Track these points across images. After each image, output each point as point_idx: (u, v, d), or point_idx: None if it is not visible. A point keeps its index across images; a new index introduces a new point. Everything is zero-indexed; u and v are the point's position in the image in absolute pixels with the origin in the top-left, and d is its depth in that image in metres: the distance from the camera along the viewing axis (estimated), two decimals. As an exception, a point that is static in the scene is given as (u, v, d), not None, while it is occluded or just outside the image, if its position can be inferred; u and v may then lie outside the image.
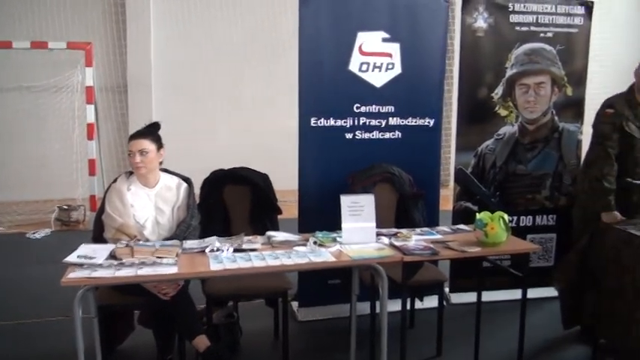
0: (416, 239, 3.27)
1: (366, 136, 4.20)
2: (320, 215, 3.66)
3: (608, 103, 3.80)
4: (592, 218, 3.75)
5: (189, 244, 3.05)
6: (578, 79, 4.61)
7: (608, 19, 7.51)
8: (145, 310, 3.42)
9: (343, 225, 3.14)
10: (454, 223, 4.31)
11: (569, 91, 4.57)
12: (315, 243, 3.07)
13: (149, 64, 9.02)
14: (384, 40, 4.14)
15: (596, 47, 4.74)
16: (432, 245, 3.16)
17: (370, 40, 4.10)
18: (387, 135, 4.26)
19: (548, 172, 4.62)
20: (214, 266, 2.73)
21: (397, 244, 3.14)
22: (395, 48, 4.17)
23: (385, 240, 3.20)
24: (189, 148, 7.72)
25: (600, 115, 3.80)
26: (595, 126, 3.82)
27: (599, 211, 3.68)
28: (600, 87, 5.15)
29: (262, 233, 3.29)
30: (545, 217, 4.68)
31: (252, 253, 2.92)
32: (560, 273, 3.84)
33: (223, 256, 2.85)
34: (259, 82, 8.96)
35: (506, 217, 3.23)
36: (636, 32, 9.24)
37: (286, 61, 5.29)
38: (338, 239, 3.16)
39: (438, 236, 3.41)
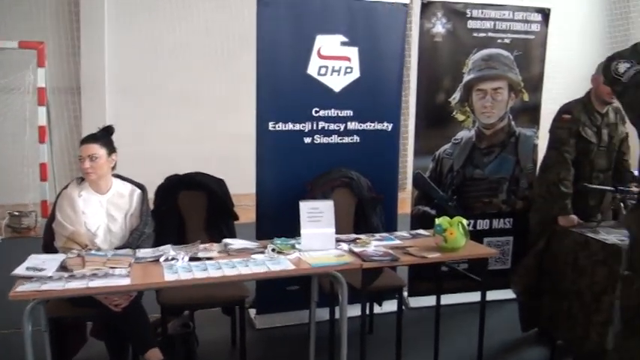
0: (375, 245, 3.22)
1: (325, 140, 4.14)
2: (278, 221, 3.59)
3: (565, 109, 3.82)
4: (549, 222, 3.76)
5: (143, 252, 2.93)
6: (535, 84, 4.64)
7: (565, 25, 7.63)
8: (97, 321, 3.28)
9: (302, 231, 3.07)
10: (413, 227, 4.30)
11: (526, 96, 4.60)
12: (273, 250, 2.99)
13: (103, 65, 8.78)
14: (343, 43, 4.08)
15: (553, 53, 4.77)
16: (391, 251, 3.11)
17: (329, 43, 4.04)
18: (346, 139, 4.20)
19: (505, 177, 4.63)
20: (168, 276, 2.62)
21: (356, 250, 3.08)
22: (353, 52, 4.12)
23: (344, 246, 3.15)
24: (144, 153, 7.54)
25: (557, 121, 3.82)
26: (552, 131, 3.84)
27: (556, 214, 3.69)
28: (556, 93, 5.21)
29: (219, 240, 3.20)
30: (502, 220, 4.69)
31: (208, 262, 2.82)
32: (518, 276, 3.85)
33: (178, 266, 2.75)
34: (216, 84, 8.80)
35: (464, 222, 3.22)
36: (592, 39, 9.43)
37: (243, 63, 5.20)
38: (297, 246, 3.09)
39: (397, 242, 3.37)
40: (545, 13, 4.59)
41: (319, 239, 3.07)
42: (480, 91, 4.49)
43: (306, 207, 3.06)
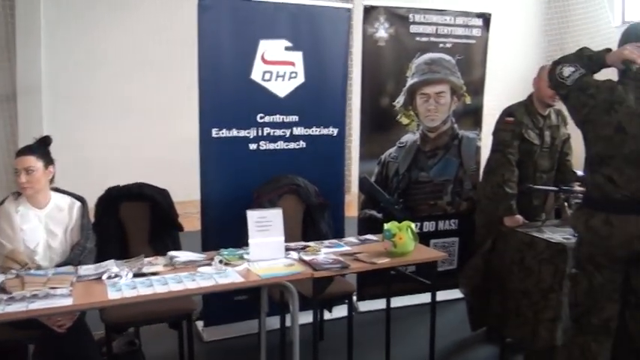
0: (325, 252, 3.17)
1: (271, 146, 4.06)
2: (225, 230, 3.51)
3: (508, 112, 3.86)
4: (495, 222, 3.80)
5: (85, 269, 2.78)
6: (477, 88, 4.69)
7: (505, 30, 7.78)
8: (40, 343, 3.10)
9: (250, 241, 2.98)
10: (360, 231, 4.28)
11: (468, 99, 4.64)
12: (220, 262, 2.89)
13: (39, 72, 8.43)
14: (287, 48, 4.02)
15: (494, 57, 4.83)
16: (341, 258, 3.06)
17: (273, 48, 3.97)
18: (292, 145, 4.14)
19: (450, 179, 4.66)
20: (112, 295, 2.49)
21: (306, 258, 3.02)
22: (298, 57, 4.06)
23: (294, 255, 3.07)
24: (83, 162, 7.30)
25: (500, 123, 3.86)
26: (495, 133, 3.88)
27: (502, 215, 3.73)
28: (497, 95, 5.28)
29: (164, 253, 3.06)
30: (447, 222, 4.72)
31: (153, 278, 2.70)
32: (466, 277, 3.87)
33: (122, 283, 2.61)
34: (157, 90, 8.58)
35: (413, 226, 3.20)
36: (533, 43, 9.65)
37: (185, 68, 5.07)
38: (245, 256, 2.99)
39: (347, 248, 3.32)
40: (485, 18, 4.65)
41: (268, 248, 2.99)
42: (424, 94, 4.50)
43: (253, 216, 2.98)
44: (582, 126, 2.69)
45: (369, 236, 3.62)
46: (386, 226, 3.18)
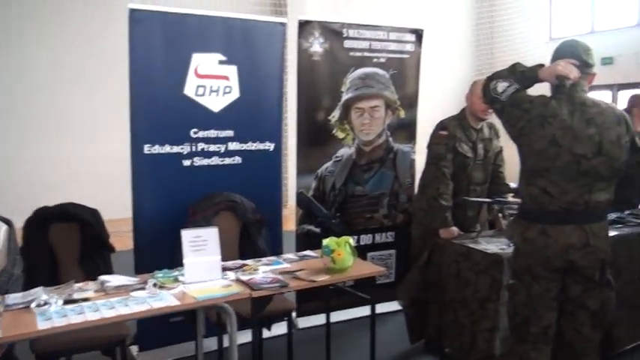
0: (263, 271, 3.09)
1: (205, 162, 3.95)
2: (159, 251, 3.38)
3: (442, 126, 3.90)
4: (431, 235, 3.82)
5: (13, 298, 2.58)
6: (411, 102, 4.72)
7: (438, 46, 7.92)
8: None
9: (185, 261, 2.86)
10: (298, 247, 4.22)
11: (402, 113, 4.67)
12: (155, 285, 2.76)
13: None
14: (221, 62, 3.93)
15: (428, 72, 4.89)
16: (280, 277, 2.99)
17: (206, 62, 3.87)
18: (227, 160, 4.04)
19: (385, 192, 4.67)
20: (42, 324, 2.32)
21: (244, 278, 2.93)
22: (232, 71, 3.98)
23: (231, 275, 2.98)
24: (9, 182, 6.94)
25: (434, 137, 3.89)
26: (430, 147, 3.91)
27: (438, 227, 3.75)
28: (431, 110, 5.35)
29: (95, 276, 2.91)
30: (384, 234, 4.72)
31: (84, 304, 2.54)
32: (404, 290, 3.87)
33: (51, 311, 2.44)
34: (88, 105, 8.30)
35: (351, 241, 3.17)
36: (466, 58, 9.87)
37: (116, 83, 4.88)
38: (180, 278, 2.88)
39: (286, 265, 3.25)
40: (418, 34, 4.69)
41: (204, 269, 2.88)
42: (359, 109, 4.50)
43: (188, 235, 2.87)
44: (517, 140, 2.73)
45: (307, 252, 3.57)
46: (324, 242, 3.14)
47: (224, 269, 3.00)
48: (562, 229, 2.65)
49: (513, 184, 3.72)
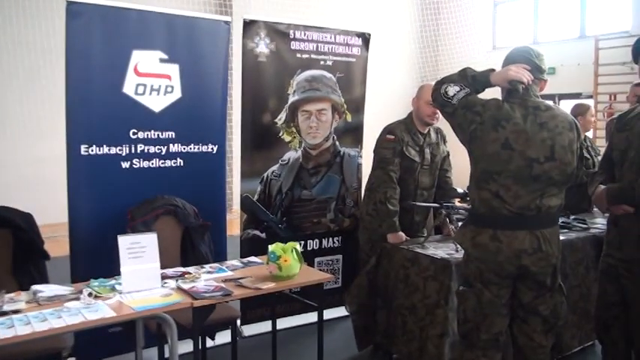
0: (205, 279, 2.93)
1: (145, 164, 3.75)
2: (96, 258, 3.19)
3: (389, 129, 3.83)
4: (378, 240, 3.75)
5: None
6: (357, 105, 4.64)
7: (385, 50, 7.91)
8: None
9: (123, 269, 2.69)
10: (243, 252, 4.08)
11: (349, 117, 4.58)
12: (90, 295, 2.57)
13: None
14: (162, 60, 3.75)
15: (375, 76, 4.83)
16: (223, 285, 2.84)
17: (147, 59, 3.68)
18: (168, 163, 3.85)
19: (332, 196, 4.57)
20: (-37, 340, 2.12)
21: (185, 287, 2.76)
22: (174, 69, 3.80)
23: (172, 283, 2.81)
24: None
25: (381, 141, 3.82)
26: (376, 151, 3.83)
27: (385, 232, 3.68)
28: (378, 114, 5.30)
29: (28, 286, 2.69)
30: (331, 239, 4.62)
31: (15, 317, 2.33)
32: (352, 296, 3.77)
33: (-23, 325, 2.23)
34: (22, 103, 7.88)
35: (298, 247, 3.05)
36: (412, 63, 9.90)
37: (51, 80, 4.61)
38: (117, 287, 2.69)
39: (229, 273, 3.11)
40: (365, 38, 4.62)
41: (142, 277, 2.71)
42: (305, 112, 4.38)
43: (125, 242, 2.69)
44: (469, 143, 2.68)
45: (252, 258, 3.43)
46: (270, 248, 3.01)
47: (164, 277, 2.84)
48: (514, 234, 2.60)
49: (460, 189, 3.68)
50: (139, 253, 2.71)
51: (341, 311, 4.33)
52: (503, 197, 2.60)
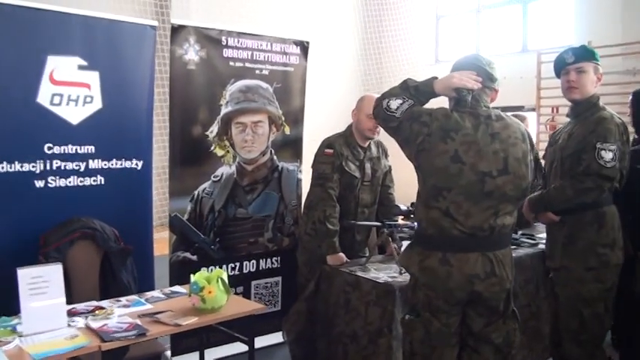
0: (119, 315, 2.59)
1: (62, 183, 3.38)
2: (2, 291, 2.77)
3: (328, 143, 3.59)
4: (317, 261, 3.49)
5: None
6: (296, 117, 4.37)
7: (324, 60, 7.68)
8: None
9: (23, 307, 2.33)
10: (172, 276, 3.75)
11: (287, 129, 4.31)
12: (-18, 340, 2.21)
13: None
14: (81, 67, 3.40)
15: (314, 87, 4.58)
16: (138, 321, 2.51)
17: (63, 66, 3.32)
18: (88, 181, 3.49)
19: (270, 214, 4.27)
20: None
21: (95, 326, 2.42)
22: (94, 78, 3.46)
23: (80, 321, 2.46)
24: None
25: (320, 156, 3.57)
26: (315, 166, 3.58)
27: (325, 253, 3.42)
28: (317, 126, 5.05)
29: None
30: (269, 260, 4.31)
31: None
32: (290, 323, 3.49)
33: None
34: None
35: (225, 276, 2.74)
36: (354, 74, 9.68)
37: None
38: (19, 328, 2.34)
39: (148, 306, 2.77)
40: (304, 46, 4.36)
41: (46, 316, 2.36)
42: (240, 124, 4.07)
43: (26, 276, 2.34)
44: (416, 157, 2.45)
45: (177, 288, 3.09)
46: (193, 278, 2.69)
47: (73, 314, 2.49)
48: (465, 257, 2.39)
49: (404, 206, 3.45)
50: (42, 289, 2.36)
51: (280, 337, 4.04)
52: (454, 216, 2.38)
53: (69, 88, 3.37)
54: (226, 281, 2.69)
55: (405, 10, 9.51)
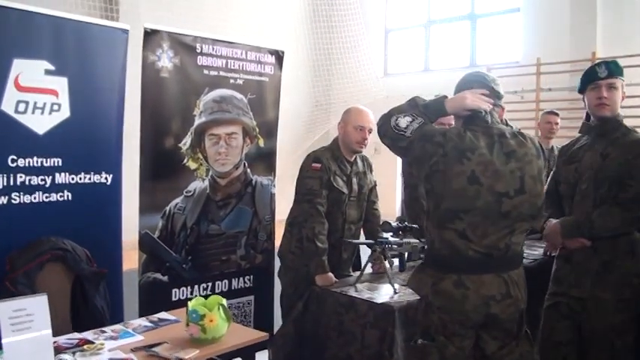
0: (110, 349, 2.31)
1: (27, 199, 3.04)
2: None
3: (314, 157, 3.40)
4: (303, 281, 3.31)
5: None
6: (270, 129, 4.16)
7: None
8: None
9: (4, 343, 2.03)
10: (142, 299, 3.46)
11: (262, 142, 4.10)
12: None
13: None
14: (48, 72, 3.08)
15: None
16: (133, 357, 2.24)
17: (30, 71, 3.00)
18: (54, 197, 3.16)
19: (243, 230, 4.02)
20: None
21: (87, 363, 2.14)
22: (62, 84, 3.15)
23: (68, 358, 2.18)
24: None
25: (306, 170, 3.38)
26: (302, 182, 3.39)
27: (314, 273, 3.23)
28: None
29: None
30: (241, 279, 4.05)
31: None
32: (277, 347, 3.26)
33: None
34: None
35: (224, 302, 2.51)
36: (304, 86, 9.46)
37: None
38: (-3, 367, 2.04)
39: (139, 337, 2.49)
40: (279, 55, 4.17)
41: (30, 351, 2.06)
42: (213, 135, 3.83)
43: (6, 310, 2.03)
44: (429, 179, 2.31)
45: (163, 315, 2.82)
46: (191, 305, 2.44)
47: (58, 350, 2.19)
48: (481, 278, 2.27)
49: (394, 223, 3.30)
50: (26, 323, 2.06)
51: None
52: (469, 237, 2.27)
53: (35, 95, 3.05)
54: (227, 307, 2.45)
55: (354, 23, 9.44)
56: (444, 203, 2.29)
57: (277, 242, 3.83)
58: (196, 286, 3.79)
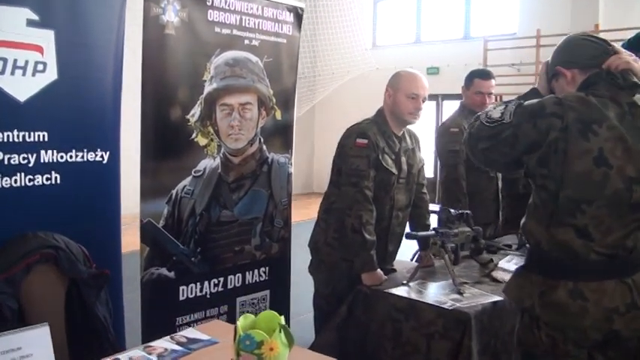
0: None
1: (5, 183, 2.32)
2: None
3: (359, 132, 2.78)
4: (341, 279, 2.76)
5: None
6: (286, 100, 3.49)
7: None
8: None
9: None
10: (144, 299, 2.82)
11: (279, 114, 3.43)
12: None
13: None
14: (31, 23, 2.35)
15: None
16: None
17: (8, 20, 2.26)
18: (39, 179, 2.44)
19: (259, 216, 3.38)
20: None
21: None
22: (48, 38, 2.41)
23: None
24: None
25: (350, 147, 2.76)
26: (344, 160, 2.77)
27: (360, 270, 2.63)
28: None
29: None
30: (256, 271, 3.41)
31: None
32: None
33: None
34: None
35: (282, 320, 1.86)
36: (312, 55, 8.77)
37: None
38: None
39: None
40: (297, 14, 3.49)
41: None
42: (226, 106, 3.15)
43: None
44: (545, 161, 1.75)
45: (191, 333, 2.12)
46: (240, 326, 1.77)
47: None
48: (602, 286, 1.72)
49: (436, 207, 2.74)
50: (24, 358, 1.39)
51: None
52: (592, 234, 1.71)
53: (14, 51, 2.31)
54: (289, 329, 1.80)
55: (341, -9, 8.78)
56: (563, 191, 1.71)
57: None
58: (206, 283, 3.16)
